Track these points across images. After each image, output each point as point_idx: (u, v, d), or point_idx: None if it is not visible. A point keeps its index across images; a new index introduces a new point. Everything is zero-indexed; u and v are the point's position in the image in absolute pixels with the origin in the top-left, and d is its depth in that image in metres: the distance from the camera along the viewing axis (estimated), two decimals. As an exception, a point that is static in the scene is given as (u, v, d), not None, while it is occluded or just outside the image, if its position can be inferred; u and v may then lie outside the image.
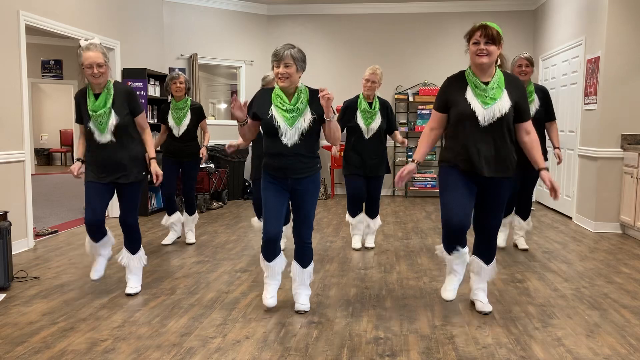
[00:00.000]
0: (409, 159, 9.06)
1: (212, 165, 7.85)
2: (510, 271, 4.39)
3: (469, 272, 4.05)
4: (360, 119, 4.88)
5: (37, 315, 3.36)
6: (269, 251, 3.39)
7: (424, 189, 8.98)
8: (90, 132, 3.60)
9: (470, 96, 3.14)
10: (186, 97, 5.18)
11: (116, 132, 3.58)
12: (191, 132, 5.20)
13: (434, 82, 9.11)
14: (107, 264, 3.95)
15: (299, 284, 3.48)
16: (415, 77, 9.19)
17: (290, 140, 3.25)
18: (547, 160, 4.87)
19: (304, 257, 3.43)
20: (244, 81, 9.15)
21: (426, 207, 7.91)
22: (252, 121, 3.34)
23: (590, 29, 6.37)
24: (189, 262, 4.68)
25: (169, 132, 5.21)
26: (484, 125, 3.11)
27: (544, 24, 8.27)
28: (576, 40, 6.77)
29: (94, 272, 3.78)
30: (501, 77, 3.17)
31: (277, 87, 3.29)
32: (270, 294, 3.45)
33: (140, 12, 7.41)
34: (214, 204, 7.63)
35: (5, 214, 4.06)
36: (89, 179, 3.65)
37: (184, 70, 8.62)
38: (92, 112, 3.54)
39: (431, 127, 3.29)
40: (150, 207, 7.11)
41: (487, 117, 3.10)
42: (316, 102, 3.28)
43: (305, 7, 9.19)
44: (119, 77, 6.81)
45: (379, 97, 4.95)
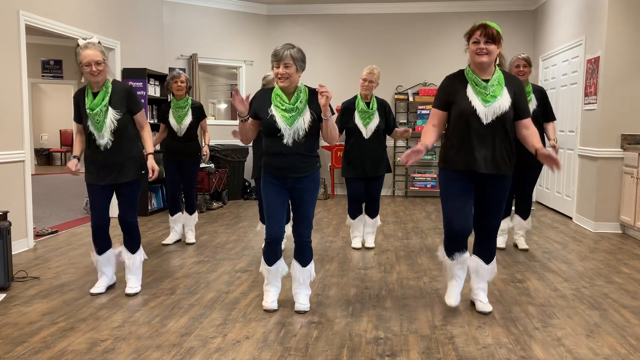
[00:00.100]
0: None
1: (212, 165, 7.85)
2: (510, 271, 4.39)
3: (468, 273, 4.05)
4: (358, 119, 4.87)
5: (37, 315, 3.36)
6: (271, 252, 3.40)
7: (424, 189, 8.98)
8: (88, 132, 3.60)
9: (471, 94, 3.15)
10: (187, 96, 5.19)
11: (114, 130, 3.58)
12: (192, 131, 5.22)
13: (434, 82, 9.10)
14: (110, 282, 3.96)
15: (299, 283, 3.48)
16: (415, 77, 9.19)
17: (289, 139, 3.25)
18: None
19: (304, 256, 3.43)
20: (244, 81, 9.15)
21: (426, 207, 7.91)
22: (252, 120, 3.34)
23: (590, 29, 6.37)
24: (189, 262, 4.68)
25: (169, 131, 5.22)
26: (485, 122, 3.12)
27: (544, 24, 8.27)
28: (576, 40, 6.77)
29: (94, 287, 3.81)
30: (501, 76, 3.18)
31: (277, 86, 3.29)
32: (270, 299, 3.45)
33: (140, 12, 7.41)
34: (214, 204, 7.63)
35: (5, 214, 4.06)
36: (89, 181, 3.66)
37: (184, 70, 8.62)
38: (89, 111, 3.54)
39: (433, 124, 3.29)
40: (150, 207, 7.10)
41: (488, 115, 3.11)
42: (315, 101, 3.28)
43: (305, 7, 9.19)
44: (119, 77, 6.81)
45: (376, 97, 4.95)
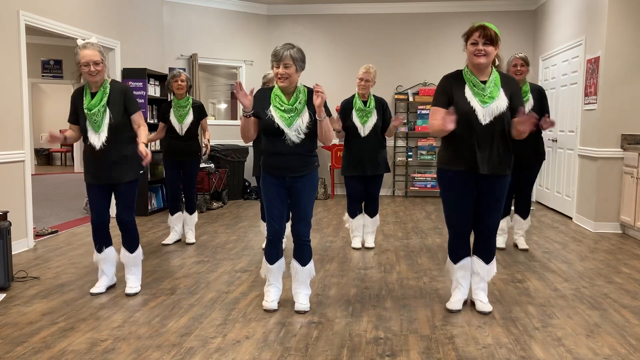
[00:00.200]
0: (409, 159, 9.06)
1: (212, 165, 7.85)
2: (510, 271, 4.39)
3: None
4: (355, 117, 4.89)
5: (37, 315, 3.36)
6: (272, 251, 3.41)
7: (424, 189, 8.98)
8: (85, 133, 3.60)
9: (469, 95, 3.17)
10: (188, 95, 5.20)
11: (111, 131, 3.58)
12: (193, 130, 5.24)
13: (434, 82, 9.10)
14: (110, 283, 3.96)
15: (299, 282, 3.48)
16: (415, 77, 9.19)
17: (288, 140, 3.25)
18: (544, 159, 4.86)
19: (303, 255, 3.44)
20: (244, 81, 9.14)
21: (426, 207, 7.91)
22: (253, 118, 3.34)
23: (590, 29, 6.37)
24: (189, 262, 4.67)
25: (170, 131, 5.22)
26: (483, 123, 3.13)
27: (544, 24, 8.27)
28: (576, 40, 6.77)
29: (95, 287, 3.81)
30: (497, 77, 3.21)
31: (277, 87, 3.29)
32: (270, 299, 3.46)
33: (140, 12, 7.41)
34: (214, 204, 7.62)
35: (5, 214, 4.06)
36: (88, 180, 3.67)
37: (184, 69, 8.62)
38: (87, 111, 3.54)
39: (436, 119, 3.26)
40: (150, 207, 7.10)
41: (486, 116, 3.12)
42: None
43: (305, 7, 9.19)
44: (119, 77, 6.81)
45: (374, 95, 4.96)
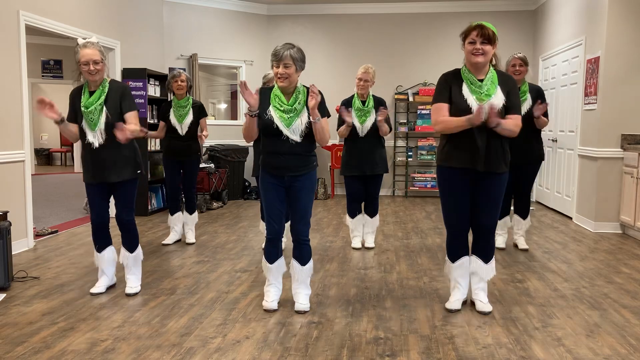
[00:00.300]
0: (409, 159, 9.06)
1: (212, 165, 7.85)
2: (510, 271, 4.39)
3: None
4: (354, 117, 4.89)
5: (37, 315, 3.36)
6: (272, 250, 3.42)
7: (424, 189, 8.98)
8: (83, 132, 3.60)
9: (466, 92, 3.20)
10: (188, 95, 5.21)
11: (108, 130, 3.58)
12: (193, 130, 5.24)
13: (434, 82, 9.09)
14: (111, 282, 3.96)
15: (299, 282, 3.48)
16: (415, 77, 9.19)
17: (287, 140, 3.25)
18: (543, 159, 4.87)
19: (302, 254, 3.44)
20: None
21: (426, 207, 7.91)
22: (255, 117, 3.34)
23: (590, 29, 6.37)
24: (189, 262, 4.67)
25: (170, 131, 5.22)
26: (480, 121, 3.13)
27: (544, 24, 8.27)
28: (576, 40, 6.77)
29: (95, 287, 3.81)
30: (494, 75, 3.24)
31: (276, 87, 3.29)
32: (271, 298, 3.46)
33: (140, 12, 7.41)
34: (214, 204, 7.62)
35: (5, 214, 4.06)
36: (86, 180, 3.68)
37: (184, 69, 8.62)
38: (84, 109, 3.54)
39: (443, 115, 3.24)
40: (150, 207, 7.10)
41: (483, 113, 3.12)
42: None
43: (305, 7, 9.19)
44: (119, 77, 6.81)
45: (373, 95, 4.96)
